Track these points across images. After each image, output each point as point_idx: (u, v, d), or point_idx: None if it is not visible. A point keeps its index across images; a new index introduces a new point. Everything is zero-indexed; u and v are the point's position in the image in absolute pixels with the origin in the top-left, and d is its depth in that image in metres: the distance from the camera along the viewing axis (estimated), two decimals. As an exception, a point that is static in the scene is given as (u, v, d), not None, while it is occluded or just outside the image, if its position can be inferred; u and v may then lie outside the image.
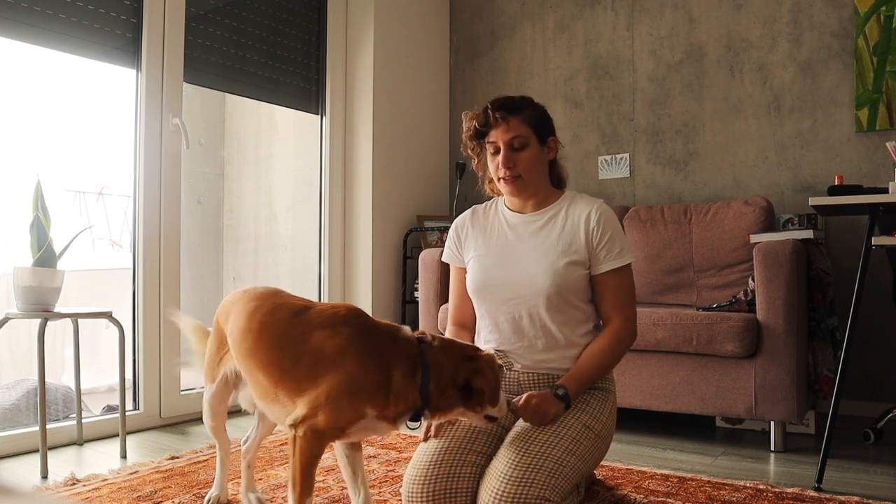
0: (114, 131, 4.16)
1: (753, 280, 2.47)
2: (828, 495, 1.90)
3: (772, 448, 2.42)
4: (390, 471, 2.14)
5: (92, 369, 3.88)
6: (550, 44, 3.79)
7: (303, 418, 1.38)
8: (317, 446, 1.40)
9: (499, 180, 1.79)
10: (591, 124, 3.65)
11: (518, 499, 1.46)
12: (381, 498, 1.87)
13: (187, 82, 3.00)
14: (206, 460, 2.25)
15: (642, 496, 1.89)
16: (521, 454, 1.53)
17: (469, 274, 1.85)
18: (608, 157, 3.59)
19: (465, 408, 1.45)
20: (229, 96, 5.11)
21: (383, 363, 1.40)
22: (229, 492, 1.90)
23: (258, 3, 3.39)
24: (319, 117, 3.71)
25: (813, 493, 1.91)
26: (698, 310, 2.55)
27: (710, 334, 2.41)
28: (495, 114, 1.74)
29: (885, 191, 2.04)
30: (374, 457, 2.29)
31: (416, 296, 3.54)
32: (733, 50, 3.27)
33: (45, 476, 2.11)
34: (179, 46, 2.93)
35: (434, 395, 1.42)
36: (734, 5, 3.27)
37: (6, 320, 2.20)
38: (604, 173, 3.60)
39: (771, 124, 3.17)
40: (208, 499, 1.81)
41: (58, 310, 2.29)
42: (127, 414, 2.51)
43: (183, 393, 2.91)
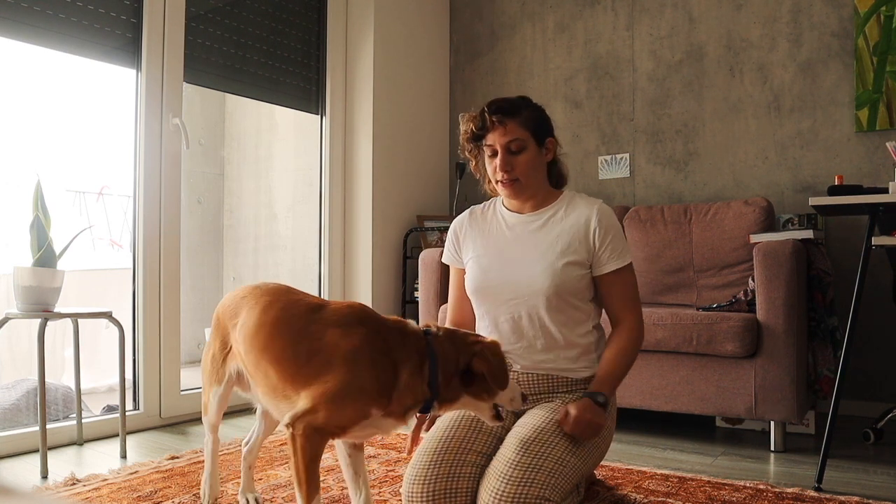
0: (114, 131, 4.17)
1: (753, 280, 2.47)
2: (828, 495, 1.90)
3: (772, 448, 2.42)
4: (390, 471, 2.14)
5: (92, 369, 3.88)
6: (550, 44, 3.79)
7: (303, 413, 1.37)
8: (317, 444, 1.38)
9: (496, 183, 1.79)
10: (590, 124, 3.65)
11: (518, 499, 1.45)
12: (382, 498, 1.87)
13: (187, 82, 3.00)
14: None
15: (642, 496, 1.89)
16: (521, 454, 1.53)
17: (468, 275, 1.85)
18: (608, 157, 3.59)
19: (469, 395, 1.45)
20: (229, 96, 5.12)
21: (393, 364, 1.40)
22: (229, 492, 1.90)
23: (258, 3, 3.39)
24: (319, 117, 3.71)
25: (813, 493, 1.91)
26: (698, 310, 2.55)
27: (710, 334, 2.41)
28: (492, 117, 1.72)
29: (885, 191, 2.04)
30: (374, 457, 2.29)
31: (416, 296, 3.54)
32: (733, 50, 3.27)
33: (45, 476, 2.11)
34: (179, 46, 2.93)
35: (442, 385, 1.42)
36: (734, 5, 3.27)
37: (6, 320, 2.20)
38: (604, 173, 3.60)
39: (771, 124, 3.17)
40: (203, 492, 1.77)
41: (58, 310, 2.29)
42: (127, 414, 2.51)
43: (183, 393, 2.91)
